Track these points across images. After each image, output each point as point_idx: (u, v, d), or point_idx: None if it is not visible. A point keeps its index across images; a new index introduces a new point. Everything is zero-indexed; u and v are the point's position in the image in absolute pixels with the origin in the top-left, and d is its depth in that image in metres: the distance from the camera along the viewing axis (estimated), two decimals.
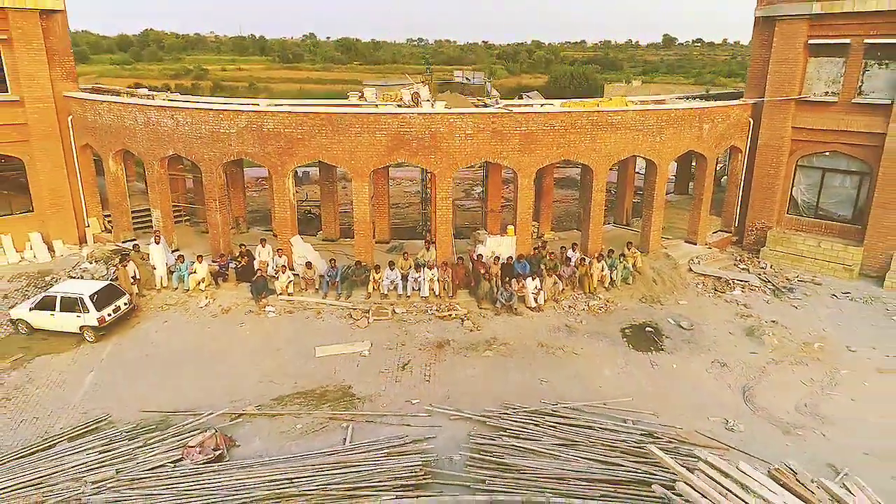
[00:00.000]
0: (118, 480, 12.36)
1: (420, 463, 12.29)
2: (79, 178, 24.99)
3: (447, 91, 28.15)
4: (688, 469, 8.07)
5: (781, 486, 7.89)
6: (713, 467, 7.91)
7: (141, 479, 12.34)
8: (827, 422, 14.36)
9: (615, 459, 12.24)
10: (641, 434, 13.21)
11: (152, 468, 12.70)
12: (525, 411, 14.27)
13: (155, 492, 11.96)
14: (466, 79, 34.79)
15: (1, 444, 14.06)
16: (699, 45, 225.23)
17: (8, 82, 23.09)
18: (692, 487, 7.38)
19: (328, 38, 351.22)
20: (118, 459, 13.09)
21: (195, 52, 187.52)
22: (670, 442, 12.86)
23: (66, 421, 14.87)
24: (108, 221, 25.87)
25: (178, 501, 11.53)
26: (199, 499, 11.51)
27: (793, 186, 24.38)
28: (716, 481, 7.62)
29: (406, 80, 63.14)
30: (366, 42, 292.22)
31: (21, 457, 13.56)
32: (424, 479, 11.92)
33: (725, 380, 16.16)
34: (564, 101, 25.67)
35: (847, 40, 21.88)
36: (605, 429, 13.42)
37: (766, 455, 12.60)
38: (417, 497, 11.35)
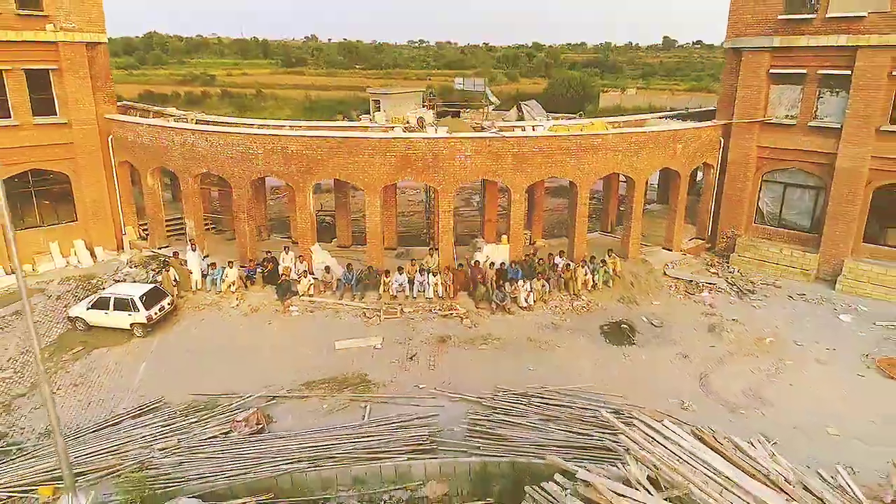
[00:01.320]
0: (180, 447, 15.16)
1: (427, 433, 15.09)
2: (117, 191, 27.81)
3: (449, 115, 30.66)
4: (627, 426, 10.82)
5: (697, 438, 10.64)
6: (646, 424, 10.67)
7: (199, 446, 15.14)
8: (767, 403, 17.14)
9: (586, 431, 15.01)
10: (609, 412, 15.96)
11: (207, 438, 15.52)
12: (514, 394, 17.06)
13: (212, 456, 14.74)
14: (477, 87, 37.22)
15: (76, 421, 16.90)
16: (699, 46, 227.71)
17: (57, 106, 25.93)
18: (627, 437, 10.12)
19: (329, 39, 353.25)
20: (177, 431, 15.90)
21: (199, 56, 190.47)
22: (630, 416, 15.64)
23: (127, 402, 17.68)
24: (143, 229, 28.71)
25: (233, 464, 14.29)
26: (251, 460, 14.28)
27: (759, 198, 27.16)
28: (645, 434, 10.37)
29: (409, 88, 65.24)
30: (367, 45, 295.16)
31: (94, 431, 16.39)
32: (431, 445, 14.71)
33: (686, 369, 18.95)
34: (556, 116, 28.40)
35: (804, 70, 24.67)
36: (580, 407, 16.19)
37: None
38: (426, 459, 14.10)
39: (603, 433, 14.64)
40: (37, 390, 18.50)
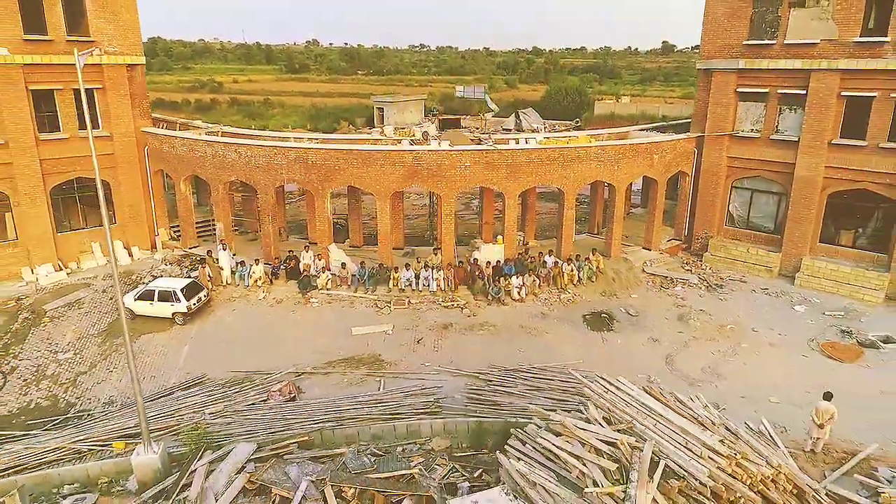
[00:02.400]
0: (226, 412, 18.15)
1: (433, 400, 18.10)
2: (151, 197, 30.86)
3: (451, 129, 33.68)
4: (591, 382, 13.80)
5: (646, 392, 13.62)
6: (604, 380, 13.66)
7: (243, 410, 18.15)
8: (722, 378, 20.13)
9: (565, 398, 17.99)
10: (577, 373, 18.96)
11: (248, 405, 18.53)
12: (506, 370, 20.05)
13: (253, 418, 17.74)
14: (477, 95, 40.31)
15: (142, 391, 19.89)
16: (698, 51, 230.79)
17: (100, 121, 29.01)
18: (588, 389, 13.11)
19: (331, 44, 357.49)
20: (222, 400, 18.91)
21: (203, 62, 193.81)
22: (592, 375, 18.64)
23: (175, 378, 20.69)
24: (174, 231, 31.75)
25: (272, 423, 17.28)
26: (287, 421, 17.26)
27: (729, 203, 30.21)
28: (604, 388, 13.35)
29: (412, 97, 68.18)
30: (368, 49, 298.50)
31: (151, 400, 19.39)
32: (436, 409, 17.70)
33: (655, 351, 21.94)
34: (552, 123, 31.36)
35: (766, 90, 27.74)
36: (561, 380, 19.17)
37: None
38: (432, 420, 17.07)
39: (580, 401, 17.62)
40: (96, 368, 21.57)
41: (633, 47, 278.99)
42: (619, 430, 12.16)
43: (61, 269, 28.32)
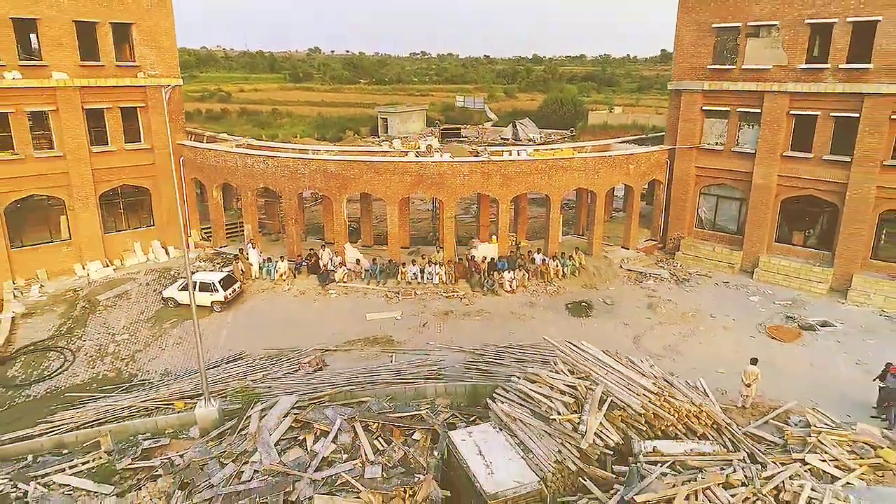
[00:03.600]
0: (266, 379, 21.95)
1: (436, 369, 21.89)
2: (185, 201, 34.72)
3: (451, 137, 37.51)
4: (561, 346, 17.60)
5: (603, 352, 17.40)
6: (571, 344, 17.45)
7: (279, 378, 21.95)
8: (679, 354, 23.91)
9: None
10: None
11: (284, 373, 22.32)
12: (497, 347, 23.84)
13: (288, 383, 21.51)
14: (477, 105, 44.19)
15: (186, 365, 23.72)
16: None
17: (142, 135, 32.92)
18: (558, 349, 16.89)
19: (332, 52, 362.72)
20: (260, 371, 22.71)
21: (207, 70, 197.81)
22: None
23: (218, 355, 24.46)
24: (205, 232, 35.60)
25: (305, 387, 21.06)
26: (315, 384, 21.03)
27: (698, 208, 34.06)
28: (574, 352, 17.14)
29: (414, 107, 72.30)
30: (371, 58, 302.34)
31: (197, 372, 23.15)
32: (439, 375, 21.48)
33: (625, 333, 25.73)
34: (548, 132, 35.18)
35: (727, 108, 31.63)
36: (542, 356, 22.94)
37: None
38: (436, 383, 20.83)
39: (552, 360, 21.39)
40: (149, 347, 25.37)
41: (631, 55, 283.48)
42: (579, 378, 15.97)
43: (108, 266, 32.19)
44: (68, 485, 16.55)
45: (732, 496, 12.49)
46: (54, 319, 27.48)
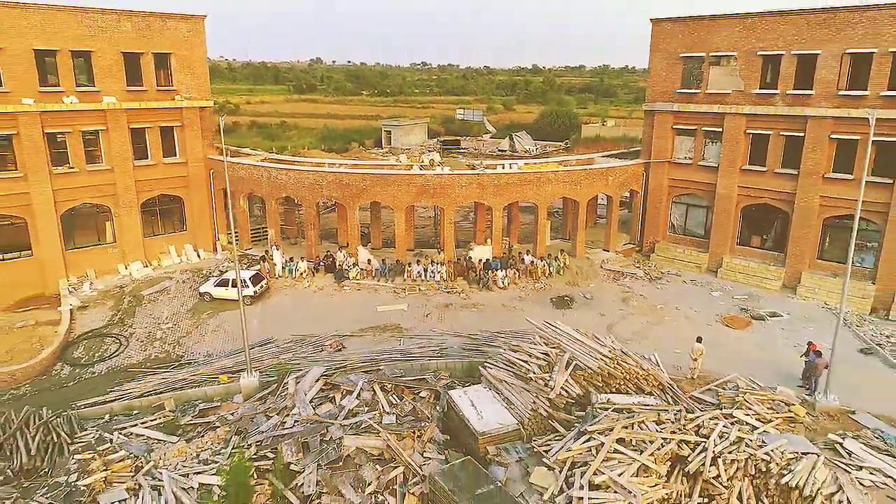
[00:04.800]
0: (295, 357, 26.07)
1: (438, 349, 26.02)
2: (213, 209, 38.98)
3: (451, 155, 41.77)
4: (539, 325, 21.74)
5: (574, 330, 21.52)
6: (548, 322, 21.59)
7: (307, 356, 26.07)
8: (645, 338, 27.99)
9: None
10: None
11: (309, 353, 26.45)
12: (490, 332, 27.97)
13: (314, 360, 25.63)
14: (476, 117, 48.33)
15: (224, 348, 27.85)
16: None
17: (178, 150, 37.21)
18: (536, 327, 21.02)
19: (333, 62, 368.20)
20: (290, 351, 26.84)
21: (213, 81, 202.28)
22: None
23: (251, 340, 28.54)
24: (230, 236, 39.79)
25: (327, 362, 25.16)
26: (337, 361, 25.14)
27: (670, 215, 38.27)
28: (549, 330, 21.27)
29: (416, 120, 77.07)
30: (372, 68, 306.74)
31: (238, 352, 27.27)
32: (441, 354, 25.61)
33: (601, 322, 29.83)
34: (543, 144, 39.33)
35: (694, 127, 35.92)
36: (530, 338, 27.05)
37: None
38: (438, 360, 24.93)
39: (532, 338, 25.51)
40: (191, 334, 29.49)
41: (630, 66, 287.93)
42: (551, 347, 20.12)
43: (147, 266, 36.39)
44: (142, 435, 20.67)
45: (661, 428, 16.61)
46: (106, 311, 31.64)
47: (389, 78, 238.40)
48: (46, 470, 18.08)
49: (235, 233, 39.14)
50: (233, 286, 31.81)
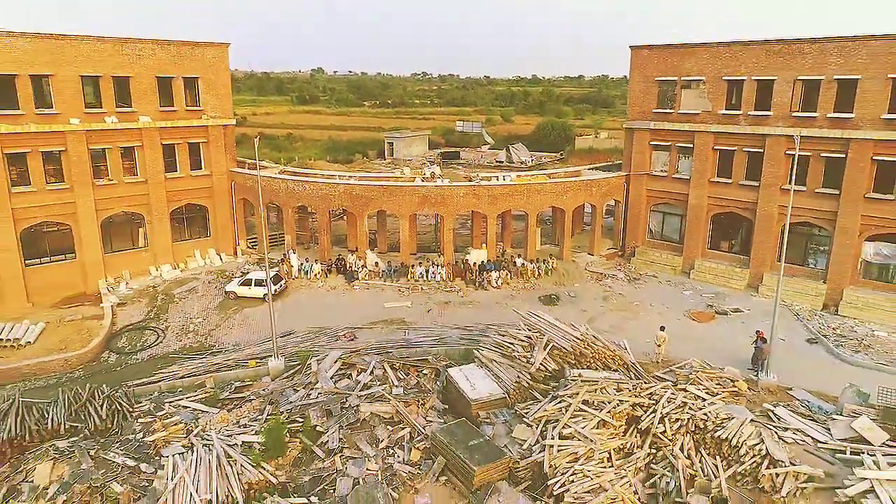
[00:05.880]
0: (315, 345, 29.89)
1: (438, 339, 29.87)
2: (234, 217, 42.92)
3: (451, 166, 45.71)
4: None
5: (555, 319, 25.35)
6: (532, 312, 25.44)
7: (324, 344, 29.92)
8: (621, 331, 31.74)
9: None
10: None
11: (326, 343, 30.29)
12: (484, 325, 31.82)
13: (330, 349, 29.45)
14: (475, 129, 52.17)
15: (249, 338, 31.69)
16: None
17: (203, 164, 41.21)
18: (521, 316, 24.87)
19: (335, 72, 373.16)
20: (308, 341, 30.68)
21: None
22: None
23: (274, 332, 32.40)
24: (250, 241, 43.74)
25: (342, 349, 28.98)
26: (351, 348, 28.97)
27: (649, 222, 42.20)
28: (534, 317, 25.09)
29: (417, 132, 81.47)
30: (373, 78, 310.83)
31: (264, 342, 31.11)
32: (441, 342, 29.45)
33: (582, 316, 33.63)
34: (538, 155, 43.29)
35: (668, 143, 39.92)
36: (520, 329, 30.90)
37: None
38: (439, 347, 28.74)
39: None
40: (220, 327, 33.33)
41: (629, 76, 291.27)
42: (534, 332, 23.98)
43: (176, 268, 40.28)
44: (188, 407, 24.46)
45: (620, 394, 20.44)
46: (142, 308, 35.51)
47: (390, 88, 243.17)
48: (116, 430, 21.87)
49: (253, 238, 43.23)
50: (255, 286, 35.75)
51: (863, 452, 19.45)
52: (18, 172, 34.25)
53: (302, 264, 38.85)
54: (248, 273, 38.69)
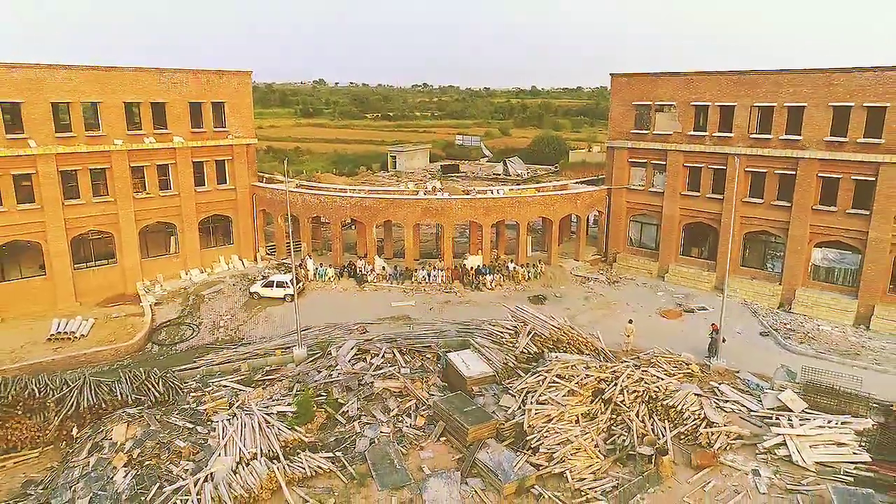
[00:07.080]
0: (331, 338, 34.43)
1: (439, 332, 34.42)
2: (255, 226, 47.56)
3: (451, 179, 50.37)
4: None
5: (540, 313, 29.84)
6: (520, 307, 29.95)
7: (340, 336, 34.45)
8: (598, 325, 36.25)
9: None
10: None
11: (341, 335, 34.83)
12: (480, 321, 36.33)
13: (344, 339, 33.98)
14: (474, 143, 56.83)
15: (274, 332, 36.23)
16: None
17: (228, 179, 45.93)
18: (510, 309, 29.39)
19: (336, 83, 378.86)
20: (325, 333, 35.22)
21: None
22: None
23: (294, 327, 36.95)
24: (268, 249, 48.38)
25: (355, 341, 33.50)
26: (362, 339, 33.50)
27: (629, 231, 46.84)
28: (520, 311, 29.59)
29: (418, 145, 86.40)
30: (374, 90, 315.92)
31: (287, 335, 35.64)
32: (441, 335, 33.98)
33: (566, 313, 38.00)
34: (534, 168, 47.91)
35: (645, 160, 44.63)
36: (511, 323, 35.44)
37: None
38: (439, 340, 33.24)
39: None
40: (247, 323, 37.87)
41: None
42: (519, 323, 28.54)
43: (203, 272, 44.88)
44: (228, 386, 28.95)
45: (588, 371, 24.97)
46: (177, 306, 40.07)
47: (392, 101, 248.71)
48: (172, 402, 26.38)
49: (271, 245, 47.86)
50: (276, 287, 40.34)
51: (783, 417, 23.99)
52: (69, 187, 38.94)
53: (317, 269, 43.45)
54: (269, 276, 43.31)
